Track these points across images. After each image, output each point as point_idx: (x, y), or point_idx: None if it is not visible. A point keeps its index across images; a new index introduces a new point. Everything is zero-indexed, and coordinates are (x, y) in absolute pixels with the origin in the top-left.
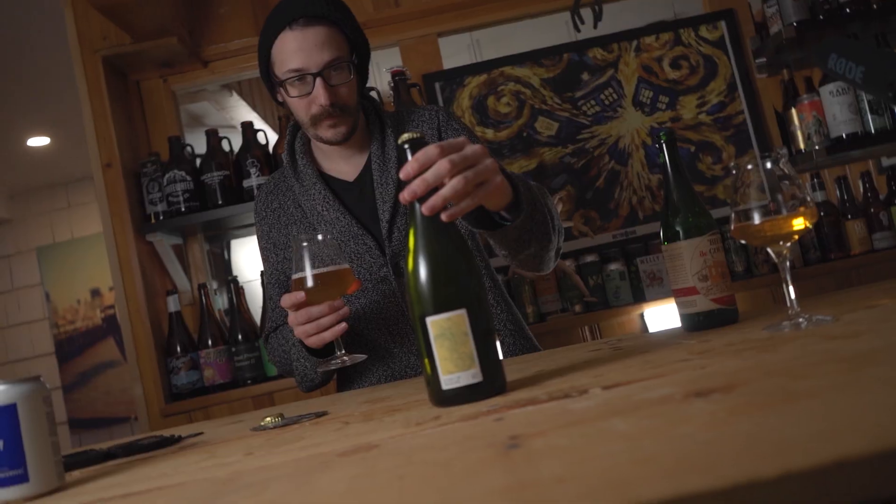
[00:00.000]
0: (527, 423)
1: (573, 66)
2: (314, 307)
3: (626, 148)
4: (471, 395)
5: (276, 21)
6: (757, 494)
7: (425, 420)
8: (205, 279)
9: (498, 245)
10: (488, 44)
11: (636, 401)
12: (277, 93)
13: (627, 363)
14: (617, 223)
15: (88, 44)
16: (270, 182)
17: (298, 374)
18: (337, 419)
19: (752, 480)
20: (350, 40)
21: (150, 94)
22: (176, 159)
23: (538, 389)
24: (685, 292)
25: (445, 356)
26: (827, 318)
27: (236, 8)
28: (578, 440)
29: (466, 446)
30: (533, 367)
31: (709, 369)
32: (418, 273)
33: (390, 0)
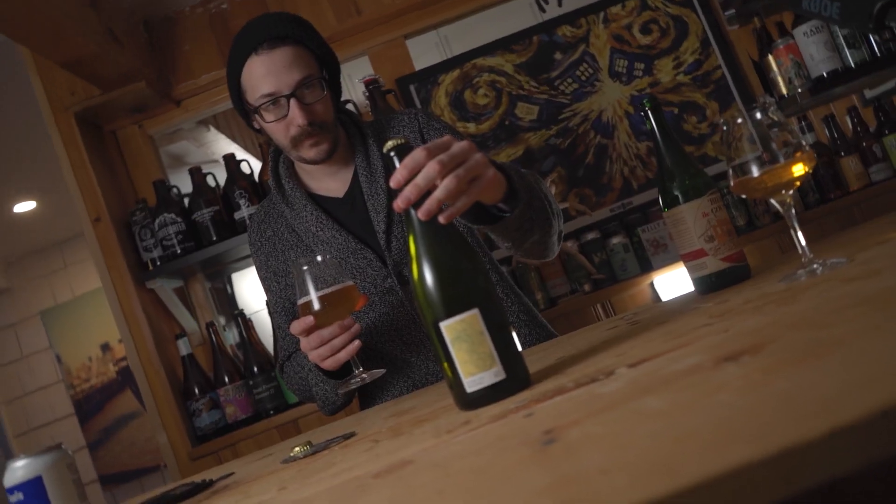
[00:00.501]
0: (558, 414)
1: (544, 47)
2: (325, 329)
3: (610, 120)
4: (496, 393)
5: (240, 49)
6: (806, 456)
7: (455, 427)
8: (211, 317)
9: (500, 238)
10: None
11: (665, 375)
12: (253, 120)
13: (648, 337)
14: (612, 196)
15: (58, 101)
16: (260, 211)
17: (319, 398)
18: (366, 438)
19: (799, 443)
20: (318, 56)
21: (127, 142)
22: (164, 203)
23: (563, 377)
24: (693, 256)
25: (465, 359)
26: (841, 261)
27: (200, 43)
28: (614, 425)
29: (501, 448)
30: (553, 355)
31: (733, 331)
32: (424, 279)
33: (352, 10)
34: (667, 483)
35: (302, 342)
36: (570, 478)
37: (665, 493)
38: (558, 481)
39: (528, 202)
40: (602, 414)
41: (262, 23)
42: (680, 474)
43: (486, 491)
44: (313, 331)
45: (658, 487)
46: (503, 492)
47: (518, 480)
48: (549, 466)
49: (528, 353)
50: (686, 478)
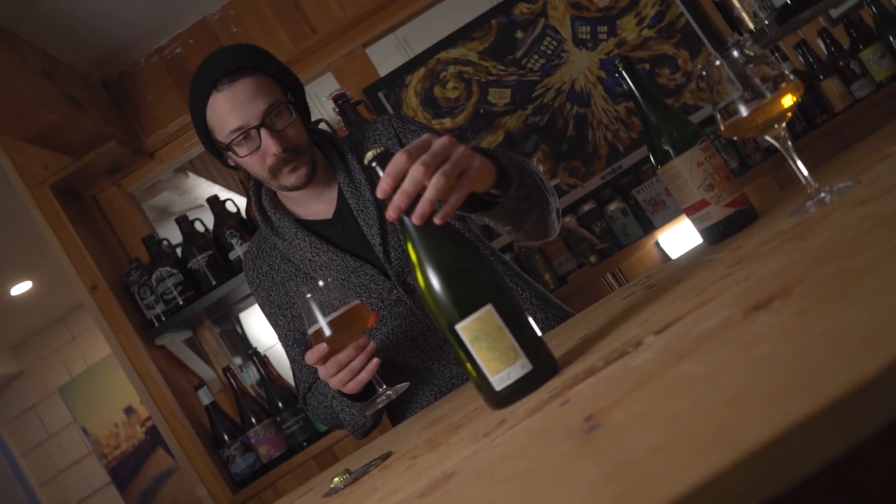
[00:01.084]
0: (594, 397)
1: (504, 28)
2: (340, 354)
3: (584, 89)
4: (526, 386)
5: (200, 89)
6: (866, 399)
7: (491, 428)
8: (227, 361)
9: (499, 223)
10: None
11: (696, 336)
12: (227, 158)
13: (668, 299)
14: (601, 164)
15: (32, 177)
16: (252, 247)
17: (348, 423)
18: (403, 456)
19: (858, 382)
20: (279, 81)
21: (109, 204)
22: (157, 257)
23: (591, 357)
24: (696, 207)
25: (488, 357)
26: (848, 184)
27: (161, 91)
28: (656, 399)
29: (544, 444)
30: (575, 335)
31: (755, 278)
32: (431, 285)
33: (306, 30)
34: (727, 452)
35: (320, 371)
36: (621, 465)
37: (728, 463)
38: (610, 471)
39: (520, 182)
40: (640, 389)
41: (218, 58)
42: (739, 441)
43: (538, 493)
44: (329, 357)
45: (719, 459)
46: (555, 492)
47: (568, 477)
48: (598, 456)
49: (549, 337)
50: (747, 443)
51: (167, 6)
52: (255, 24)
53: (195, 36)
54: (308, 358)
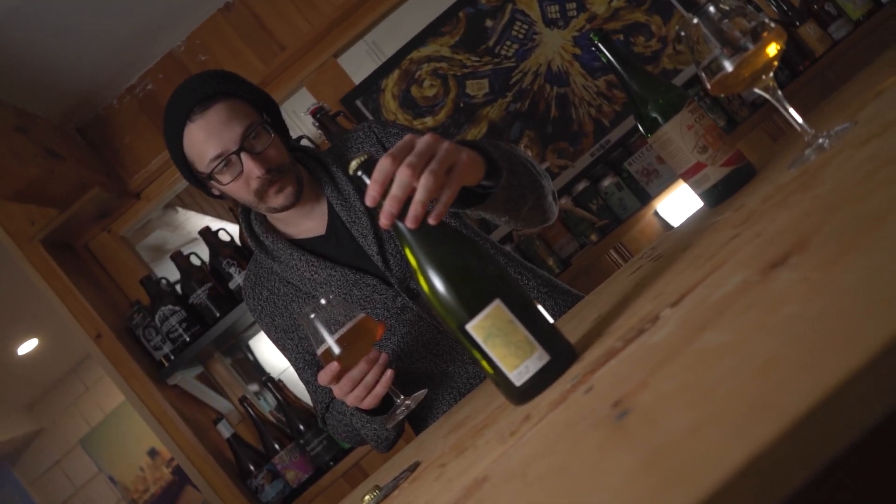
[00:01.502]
0: (619, 381)
1: (472, 19)
2: (353, 371)
3: (561, 68)
4: (546, 378)
5: (173, 122)
6: None
7: (517, 426)
8: (242, 391)
9: (496, 214)
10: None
11: (715, 304)
12: (211, 188)
13: (678, 268)
14: (588, 141)
15: (21, 235)
16: (250, 274)
17: (371, 439)
18: (432, 465)
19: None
20: (253, 103)
21: (102, 251)
22: (157, 297)
23: (608, 338)
24: (692, 171)
25: (503, 353)
26: (846, 126)
27: (138, 130)
28: (684, 375)
29: (574, 437)
30: (588, 318)
31: (766, 235)
32: (435, 288)
33: (274, 48)
34: (770, 424)
35: (334, 390)
36: (659, 450)
37: (773, 435)
38: (648, 458)
39: (511, 169)
40: (665, 366)
41: (187, 88)
42: (781, 409)
43: (574, 491)
44: (342, 376)
45: (762, 431)
46: (592, 487)
47: (605, 470)
48: (632, 443)
49: (562, 323)
50: (789, 411)
51: (132, 45)
52: (223, 50)
53: (164, 70)
54: (321, 379)
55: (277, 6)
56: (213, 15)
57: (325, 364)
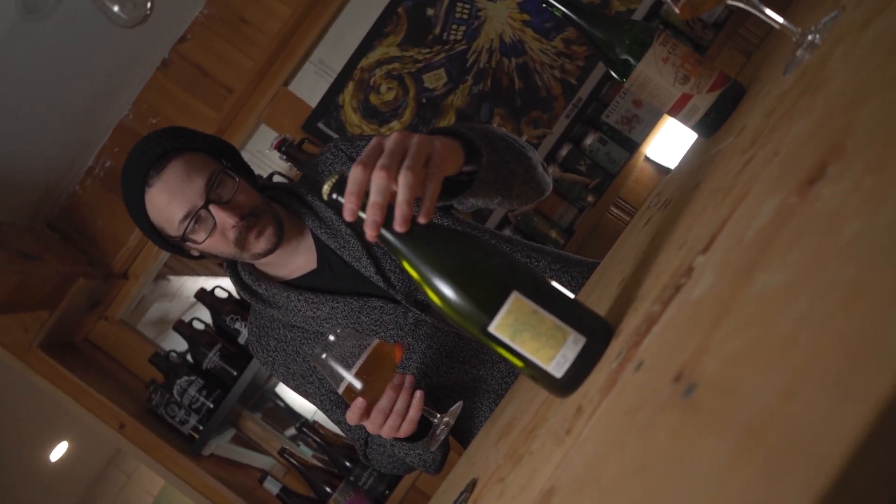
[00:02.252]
0: (671, 350)
1: (413, 12)
2: (380, 401)
3: (513, 38)
4: (587, 362)
5: (132, 193)
6: None
7: (570, 422)
8: (280, 442)
9: (487, 197)
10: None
11: (754, 239)
12: (189, 250)
13: (695, 210)
14: (560, 104)
15: (18, 346)
16: (252, 327)
17: (418, 465)
18: (490, 481)
19: None
20: (208, 152)
21: (104, 340)
22: (171, 372)
23: (642, 303)
24: (679, 105)
25: (535, 347)
26: (833, 14)
27: (108, 209)
28: (750, 331)
29: (640, 426)
30: (611, 285)
31: (786, 150)
32: (445, 297)
33: (222, 92)
34: (880, 368)
35: (367, 426)
36: (752, 426)
37: (890, 381)
38: (739, 438)
39: (491, 146)
40: (722, 323)
41: (137, 154)
42: (886, 346)
43: (664, 493)
44: (370, 409)
45: (874, 380)
46: (685, 486)
47: (691, 462)
48: (713, 423)
49: (584, 296)
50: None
51: (80, 127)
52: (171, 107)
53: (118, 143)
54: (349, 419)
55: (214, 50)
56: (153, 75)
57: (349, 402)
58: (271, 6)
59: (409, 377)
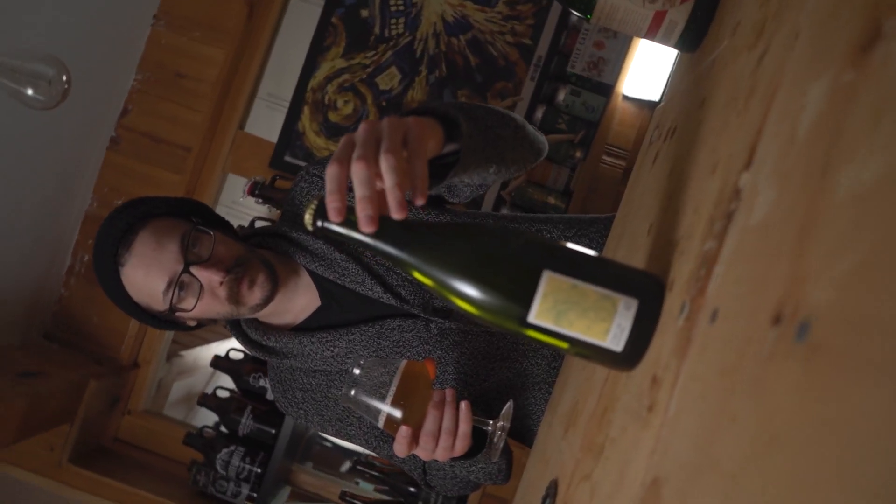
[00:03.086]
0: (752, 289)
1: (348, 18)
2: (425, 425)
3: (455, 15)
4: (647, 325)
5: (106, 278)
6: None
7: (649, 397)
8: (338, 485)
9: (481, 169)
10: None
11: (810, 134)
12: (183, 322)
13: (714, 126)
14: (521, 67)
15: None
16: (274, 383)
17: (485, 479)
18: (574, 480)
19: None
20: (174, 214)
21: (133, 434)
22: (209, 448)
23: (688, 244)
24: (655, 25)
25: (585, 325)
26: None
27: (100, 304)
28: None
29: (747, 387)
30: (639, 234)
31: (807, 28)
32: (470, 297)
33: (180, 153)
34: None
35: (418, 454)
36: None
37: None
38: None
39: (468, 115)
40: (812, 242)
41: (102, 236)
42: None
43: (821, 467)
44: (417, 436)
45: None
46: (848, 453)
47: (844, 421)
48: (857, 365)
49: (612, 255)
50: None
51: (45, 229)
52: (133, 184)
53: (90, 235)
54: (397, 451)
55: (160, 114)
56: (105, 157)
57: (393, 434)
58: (203, 54)
59: (449, 391)
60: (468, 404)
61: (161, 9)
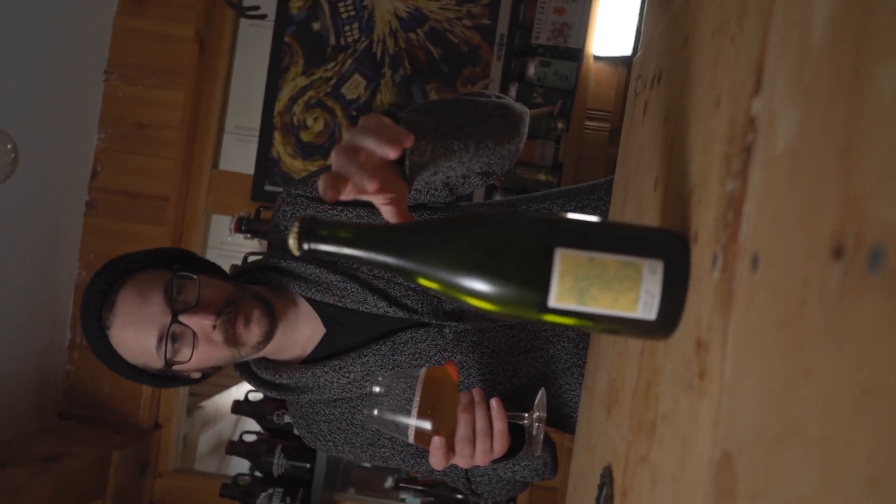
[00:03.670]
0: (794, 223)
1: (301, 35)
2: (459, 430)
3: (408, 9)
4: (678, 285)
5: (97, 344)
6: None
7: (697, 364)
8: None
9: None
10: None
11: (829, 39)
12: (186, 375)
13: (705, 60)
14: (485, 49)
15: None
16: (297, 420)
17: (531, 476)
18: (629, 463)
19: None
20: (155, 265)
21: (169, 496)
22: (247, 494)
23: (706, 190)
24: None
25: (612, 299)
26: None
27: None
28: None
29: (817, 337)
30: (645, 191)
31: None
32: (482, 293)
33: (160, 204)
34: None
35: (456, 462)
36: None
37: None
38: None
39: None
40: (859, 158)
41: (84, 303)
42: None
43: None
44: (452, 444)
45: None
46: None
47: None
48: None
49: (619, 218)
50: None
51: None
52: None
53: None
54: (434, 464)
55: (131, 169)
56: (84, 223)
57: (426, 446)
58: (162, 99)
59: (476, 391)
60: (499, 401)
61: (111, 62)
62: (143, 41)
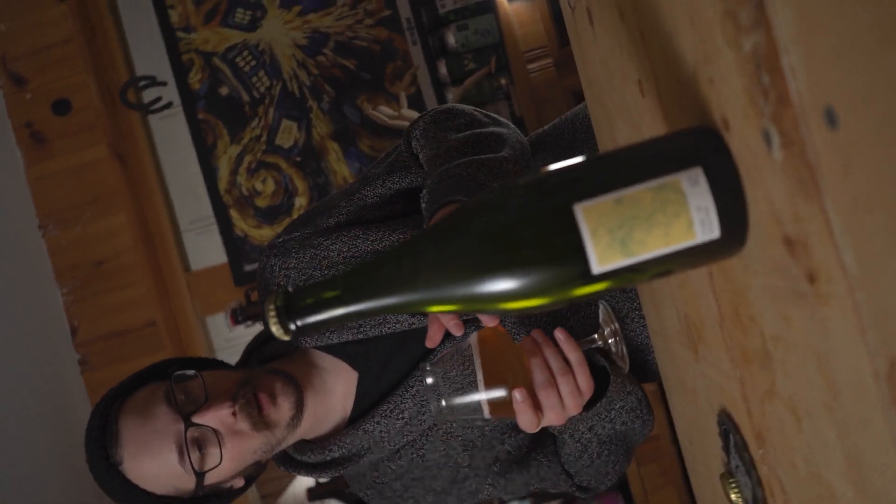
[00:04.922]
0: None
1: (213, 106)
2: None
3: (305, 35)
4: (731, 186)
5: (118, 490)
6: None
7: (796, 266)
8: None
9: None
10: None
11: None
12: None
13: None
14: (400, 40)
15: None
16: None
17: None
18: (752, 400)
19: None
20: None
21: None
22: None
23: (711, 63)
24: None
25: (662, 234)
26: None
27: None
28: None
29: None
30: (635, 103)
31: None
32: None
33: (148, 331)
34: None
35: (547, 417)
36: None
37: None
38: None
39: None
40: None
41: (87, 446)
42: None
43: None
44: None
45: None
46: None
47: None
48: None
49: (617, 140)
50: None
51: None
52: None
53: None
54: (525, 426)
55: (105, 308)
56: (85, 379)
57: (509, 415)
58: (106, 228)
59: (535, 331)
60: (563, 331)
61: (39, 214)
62: (63, 181)
